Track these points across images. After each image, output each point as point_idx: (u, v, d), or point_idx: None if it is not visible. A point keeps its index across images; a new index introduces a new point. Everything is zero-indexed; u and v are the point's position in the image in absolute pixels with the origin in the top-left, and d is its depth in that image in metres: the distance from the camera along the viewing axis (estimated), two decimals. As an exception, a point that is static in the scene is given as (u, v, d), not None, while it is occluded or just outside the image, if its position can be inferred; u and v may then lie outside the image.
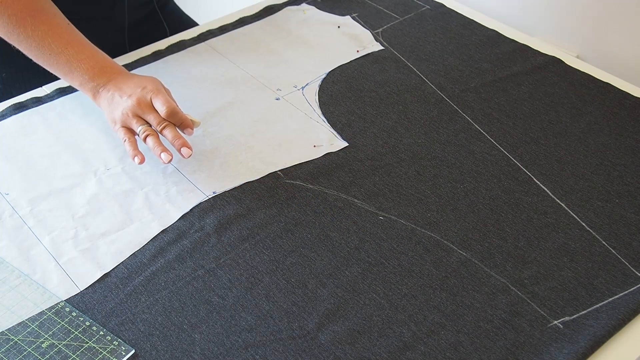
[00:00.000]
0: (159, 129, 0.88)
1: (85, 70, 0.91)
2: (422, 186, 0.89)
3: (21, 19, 0.91)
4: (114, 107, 0.90)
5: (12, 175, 0.90)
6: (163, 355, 0.70)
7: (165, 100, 0.89)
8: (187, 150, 0.87)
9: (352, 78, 1.08)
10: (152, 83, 0.91)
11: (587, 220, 0.85)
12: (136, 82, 0.91)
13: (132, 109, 0.89)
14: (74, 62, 0.91)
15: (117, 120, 0.90)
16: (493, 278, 0.78)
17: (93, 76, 0.92)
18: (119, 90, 0.90)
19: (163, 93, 0.90)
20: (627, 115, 1.00)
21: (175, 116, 0.88)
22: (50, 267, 0.79)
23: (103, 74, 0.92)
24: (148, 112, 0.89)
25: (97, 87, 0.92)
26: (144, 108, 0.89)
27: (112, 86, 0.91)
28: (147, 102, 0.89)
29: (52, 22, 0.92)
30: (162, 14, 1.24)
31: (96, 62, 0.92)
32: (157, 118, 0.88)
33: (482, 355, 0.70)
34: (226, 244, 0.82)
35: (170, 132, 0.88)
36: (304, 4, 1.25)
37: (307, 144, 0.96)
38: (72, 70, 0.92)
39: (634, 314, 0.74)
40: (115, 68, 0.93)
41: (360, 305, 0.75)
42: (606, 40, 1.15)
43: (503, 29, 1.19)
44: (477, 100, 1.04)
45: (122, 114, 0.89)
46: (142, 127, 0.89)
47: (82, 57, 0.92)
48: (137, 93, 0.89)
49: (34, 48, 0.92)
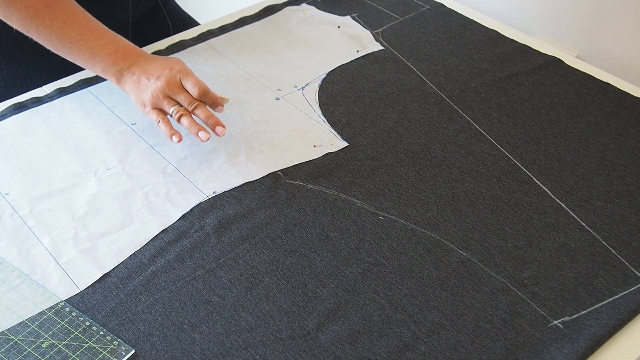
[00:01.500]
0: (191, 108, 0.89)
1: (107, 55, 0.92)
2: (422, 186, 0.89)
3: (38, 9, 0.91)
4: (142, 90, 0.91)
5: (12, 175, 0.90)
6: (163, 355, 0.70)
7: (196, 80, 0.90)
8: (222, 128, 0.89)
9: (352, 78, 1.08)
10: (178, 64, 0.92)
11: (587, 220, 0.85)
12: (162, 64, 0.91)
13: (162, 90, 0.89)
14: (95, 49, 0.92)
15: (146, 102, 0.91)
16: (493, 278, 0.78)
17: (115, 60, 0.92)
18: (145, 73, 0.91)
19: (192, 73, 0.91)
20: (627, 115, 1.00)
21: (207, 95, 0.90)
22: (50, 267, 0.79)
23: (125, 58, 0.92)
24: (179, 93, 0.90)
25: (121, 71, 0.92)
26: (175, 89, 0.89)
27: (137, 69, 0.91)
28: (177, 83, 0.90)
29: (70, 11, 0.93)
30: (165, 10, 1.24)
31: (117, 46, 0.93)
32: (189, 98, 0.89)
33: (482, 355, 0.70)
34: (226, 244, 0.82)
35: (203, 111, 0.89)
36: (304, 4, 1.25)
37: (307, 144, 0.96)
38: (93, 57, 0.92)
39: (634, 314, 0.74)
40: (137, 51, 0.94)
41: (360, 305, 0.75)
42: (606, 40, 1.15)
43: (503, 29, 1.19)
44: (477, 100, 1.04)
45: (153, 96, 0.90)
46: (174, 107, 0.89)
47: (102, 42, 0.92)
48: (166, 74, 0.90)
49: (53, 38, 0.92)
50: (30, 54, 0.95)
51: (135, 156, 0.93)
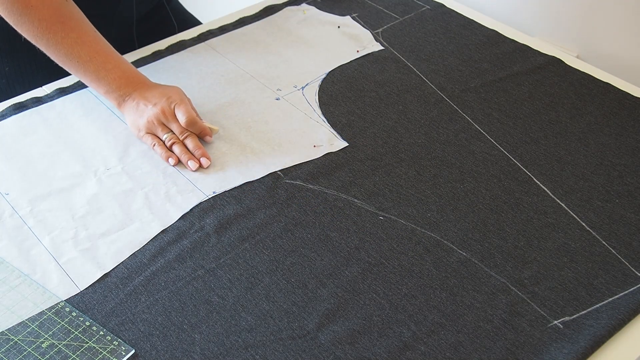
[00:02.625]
0: (182, 137, 0.93)
1: (112, 80, 0.94)
2: (422, 186, 0.89)
3: (51, 24, 0.92)
4: (138, 115, 0.93)
5: (12, 175, 0.90)
6: (163, 355, 0.70)
7: (186, 110, 0.92)
8: (206, 160, 0.91)
9: (352, 78, 1.08)
10: (176, 93, 0.95)
11: (587, 220, 0.85)
12: (161, 92, 0.94)
13: (157, 117, 0.92)
14: (101, 72, 0.94)
15: (141, 127, 0.93)
16: (493, 278, 0.78)
17: (120, 86, 0.94)
18: (144, 99, 0.94)
19: (185, 103, 0.94)
20: (627, 115, 1.00)
21: (195, 125, 0.93)
22: (50, 267, 0.79)
23: (129, 84, 0.95)
24: (172, 121, 0.93)
25: (123, 96, 0.95)
26: (168, 117, 0.93)
27: (138, 95, 0.94)
28: (171, 112, 0.93)
29: (81, 30, 0.94)
30: (169, 8, 1.24)
31: (123, 72, 0.95)
32: (180, 127, 0.93)
33: (482, 355, 0.70)
34: (226, 244, 0.82)
35: (192, 142, 0.92)
36: (304, 4, 1.25)
37: (307, 144, 0.96)
38: (99, 79, 0.94)
39: (634, 314, 0.74)
40: (140, 78, 0.96)
41: (360, 305, 0.75)
42: (606, 40, 1.15)
43: (503, 29, 1.19)
44: (477, 100, 1.04)
45: (148, 122, 0.93)
46: (167, 135, 0.93)
47: (110, 66, 0.94)
48: (162, 102, 0.93)
49: (62, 54, 0.93)
50: (32, 51, 0.95)
51: (135, 156, 0.93)
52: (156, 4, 1.22)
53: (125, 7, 1.13)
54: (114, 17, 1.13)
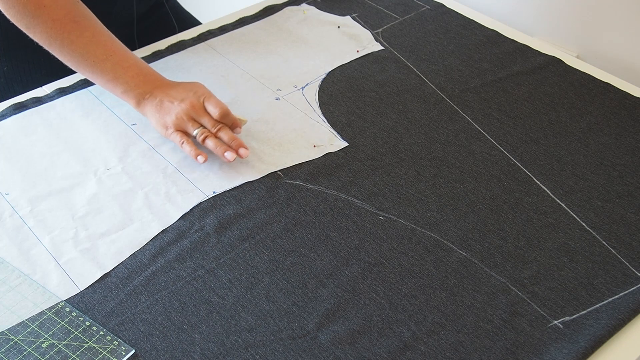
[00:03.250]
0: (214, 130, 0.91)
1: (130, 78, 0.92)
2: (422, 186, 0.89)
3: (65, 24, 0.91)
4: (164, 113, 0.91)
5: (12, 175, 0.90)
6: (163, 355, 0.70)
7: (217, 102, 0.91)
8: (245, 150, 0.90)
9: (352, 78, 1.08)
10: (201, 87, 0.93)
11: (587, 220, 0.85)
12: (185, 87, 0.93)
13: (187, 112, 0.90)
14: (119, 70, 0.92)
15: (169, 124, 0.91)
16: (493, 278, 0.78)
17: (138, 83, 0.93)
18: (167, 97, 0.92)
19: (214, 96, 0.92)
20: (627, 115, 1.00)
21: (228, 117, 0.91)
22: (50, 267, 0.79)
23: (148, 82, 0.93)
24: (203, 115, 0.91)
25: (142, 94, 0.93)
26: (199, 111, 0.91)
27: (160, 92, 0.92)
28: (201, 105, 0.91)
29: (95, 30, 0.93)
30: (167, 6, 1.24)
31: (140, 70, 0.94)
32: (212, 120, 0.91)
33: (482, 355, 0.70)
34: (226, 244, 0.82)
35: (226, 134, 0.91)
36: (304, 4, 1.25)
37: (307, 144, 0.96)
38: (116, 78, 0.92)
39: (634, 314, 0.74)
40: (158, 76, 0.95)
41: (360, 305, 0.75)
42: (606, 40, 1.15)
43: (503, 29, 1.19)
44: (477, 100, 1.04)
45: (177, 118, 0.91)
46: (198, 129, 0.91)
47: (127, 65, 0.93)
48: (190, 97, 0.91)
49: (77, 55, 0.92)
50: (30, 50, 0.95)
51: (135, 156, 0.93)
52: (155, 2, 1.22)
53: (124, 5, 1.13)
54: (113, 16, 1.13)
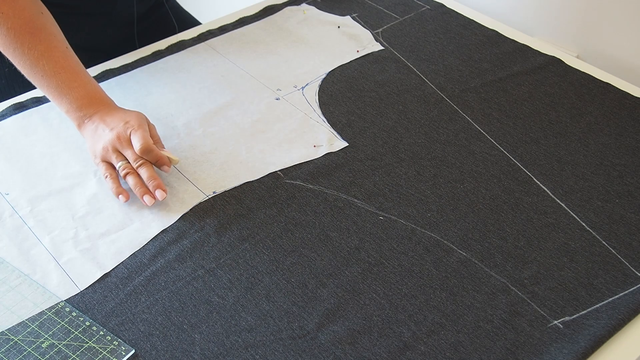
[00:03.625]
0: (135, 166, 0.86)
1: (74, 99, 0.89)
2: (422, 186, 0.89)
3: (20, 35, 0.89)
4: (96, 140, 0.88)
5: (12, 175, 0.91)
6: (163, 355, 0.70)
7: (142, 136, 0.85)
8: (162, 193, 0.84)
9: (352, 78, 1.08)
10: (136, 118, 0.88)
11: (587, 220, 0.85)
12: (120, 116, 0.89)
13: (112, 143, 0.87)
14: (64, 89, 0.89)
15: (97, 154, 0.88)
16: (493, 278, 0.78)
17: (81, 106, 0.90)
18: (103, 122, 0.88)
19: (143, 129, 0.87)
20: (627, 115, 1.00)
21: (150, 154, 0.85)
22: (50, 267, 0.79)
23: (91, 105, 0.90)
24: (126, 148, 0.86)
25: (82, 118, 0.90)
26: (123, 143, 0.86)
27: (97, 118, 0.89)
28: (127, 138, 0.86)
29: (50, 44, 0.90)
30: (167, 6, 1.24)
31: (86, 91, 0.90)
32: (134, 155, 0.86)
33: (482, 355, 0.70)
34: (226, 244, 0.82)
35: (146, 171, 0.85)
36: (304, 4, 1.25)
37: (307, 144, 0.96)
38: (61, 96, 0.90)
39: (634, 314, 0.74)
40: (104, 100, 0.91)
41: (360, 305, 0.75)
42: (606, 40, 1.15)
43: (503, 29, 1.19)
44: (477, 100, 1.04)
45: (103, 148, 0.87)
46: (121, 163, 0.86)
47: (74, 85, 0.90)
48: (119, 127, 0.87)
49: (27, 66, 0.90)
50: None
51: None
52: (154, 2, 1.22)
53: (124, 5, 1.13)
54: (113, 16, 1.13)
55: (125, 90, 1.04)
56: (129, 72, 1.07)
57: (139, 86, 1.05)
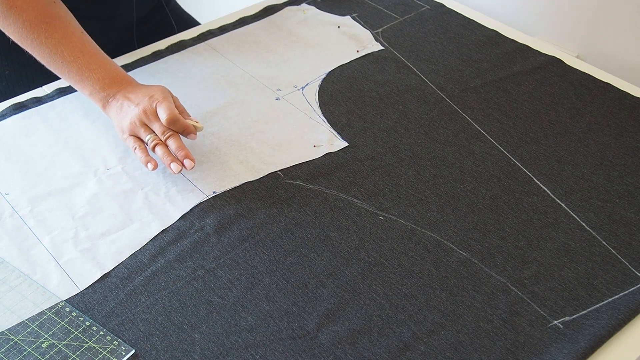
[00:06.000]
0: (164, 138, 0.89)
1: (96, 80, 0.92)
2: (422, 186, 0.89)
3: (35, 25, 0.91)
4: (122, 117, 0.91)
5: (12, 175, 0.91)
6: (163, 355, 0.70)
7: (167, 107, 0.89)
8: (190, 162, 0.87)
9: (352, 78, 1.08)
10: (160, 92, 0.91)
11: (587, 220, 0.85)
12: (144, 91, 0.91)
13: (139, 117, 0.89)
14: (85, 72, 0.92)
15: (125, 129, 0.91)
16: (493, 278, 0.78)
17: (103, 86, 0.92)
18: (127, 100, 0.91)
19: (168, 101, 0.90)
20: (627, 115, 1.00)
21: (177, 124, 0.89)
22: (50, 267, 0.79)
23: (113, 85, 0.92)
24: (154, 121, 0.89)
25: (107, 98, 0.92)
26: (150, 117, 0.89)
27: (121, 96, 0.92)
28: (153, 111, 0.89)
29: (66, 31, 0.92)
30: (167, 9, 1.24)
31: (107, 72, 0.93)
32: (162, 127, 0.89)
33: (482, 355, 0.70)
34: (226, 244, 0.82)
35: (175, 142, 0.88)
36: (304, 4, 1.25)
37: (307, 144, 0.96)
38: (82, 80, 0.92)
39: (634, 314, 0.74)
40: (125, 78, 0.94)
41: (360, 305, 0.75)
42: (606, 40, 1.15)
43: (503, 29, 1.19)
44: (477, 100, 1.04)
45: (130, 123, 0.90)
46: (150, 136, 0.89)
47: (94, 67, 0.92)
48: (145, 102, 0.90)
49: (46, 55, 0.92)
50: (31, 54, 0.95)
51: (135, 156, 0.93)
52: (155, 5, 1.22)
53: (124, 9, 1.13)
54: (113, 20, 1.13)
55: (125, 90, 1.04)
56: (129, 72, 1.07)
57: (139, 86, 1.05)
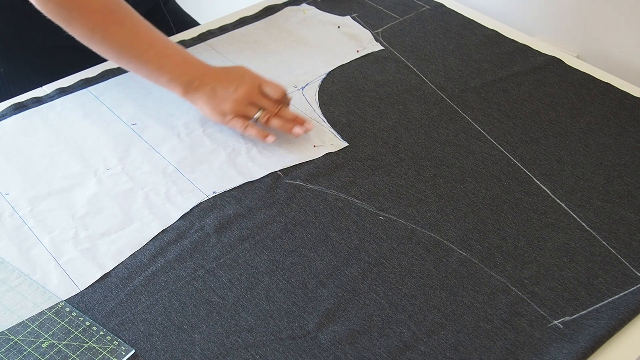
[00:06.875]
0: (276, 110, 0.93)
1: (174, 67, 0.92)
2: (422, 186, 0.89)
3: (105, 15, 0.89)
4: (220, 100, 0.92)
5: (12, 175, 0.90)
6: (163, 355, 0.70)
7: (274, 84, 0.94)
8: (310, 124, 0.94)
9: (352, 78, 1.08)
10: (248, 71, 0.95)
11: (587, 220, 0.85)
12: (235, 73, 0.94)
13: (246, 97, 0.92)
14: (163, 59, 0.91)
15: (227, 111, 0.93)
16: (493, 278, 0.78)
17: (184, 71, 0.92)
18: (220, 84, 0.92)
19: (268, 79, 0.95)
20: (627, 115, 1.00)
21: (286, 97, 0.96)
22: (50, 267, 0.79)
23: (193, 69, 0.93)
24: (262, 98, 0.94)
25: (190, 82, 0.92)
26: (257, 95, 0.93)
27: (210, 80, 0.92)
28: (258, 89, 0.93)
29: (133, 19, 0.91)
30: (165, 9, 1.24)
31: (183, 58, 0.93)
32: (271, 102, 0.94)
33: (482, 355, 0.70)
34: (226, 244, 0.82)
35: (288, 112, 0.95)
36: (304, 4, 1.25)
37: (307, 144, 0.96)
38: (161, 67, 0.91)
39: (634, 314, 0.74)
40: (201, 63, 0.94)
41: (360, 305, 0.75)
42: (606, 40, 1.15)
43: (503, 29, 1.19)
44: (477, 100, 1.04)
45: (236, 104, 0.92)
46: (259, 112, 0.93)
47: (170, 52, 0.92)
48: (246, 82, 0.93)
49: (118, 47, 0.91)
50: (27, 52, 0.94)
51: (135, 156, 0.93)
52: (152, 6, 1.22)
53: None
54: None
55: (125, 90, 1.04)
56: (129, 72, 1.07)
57: (139, 86, 1.05)
